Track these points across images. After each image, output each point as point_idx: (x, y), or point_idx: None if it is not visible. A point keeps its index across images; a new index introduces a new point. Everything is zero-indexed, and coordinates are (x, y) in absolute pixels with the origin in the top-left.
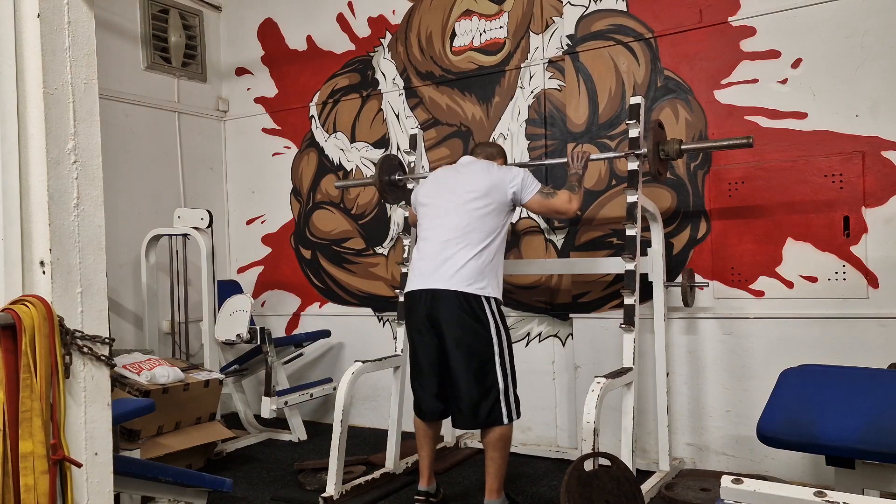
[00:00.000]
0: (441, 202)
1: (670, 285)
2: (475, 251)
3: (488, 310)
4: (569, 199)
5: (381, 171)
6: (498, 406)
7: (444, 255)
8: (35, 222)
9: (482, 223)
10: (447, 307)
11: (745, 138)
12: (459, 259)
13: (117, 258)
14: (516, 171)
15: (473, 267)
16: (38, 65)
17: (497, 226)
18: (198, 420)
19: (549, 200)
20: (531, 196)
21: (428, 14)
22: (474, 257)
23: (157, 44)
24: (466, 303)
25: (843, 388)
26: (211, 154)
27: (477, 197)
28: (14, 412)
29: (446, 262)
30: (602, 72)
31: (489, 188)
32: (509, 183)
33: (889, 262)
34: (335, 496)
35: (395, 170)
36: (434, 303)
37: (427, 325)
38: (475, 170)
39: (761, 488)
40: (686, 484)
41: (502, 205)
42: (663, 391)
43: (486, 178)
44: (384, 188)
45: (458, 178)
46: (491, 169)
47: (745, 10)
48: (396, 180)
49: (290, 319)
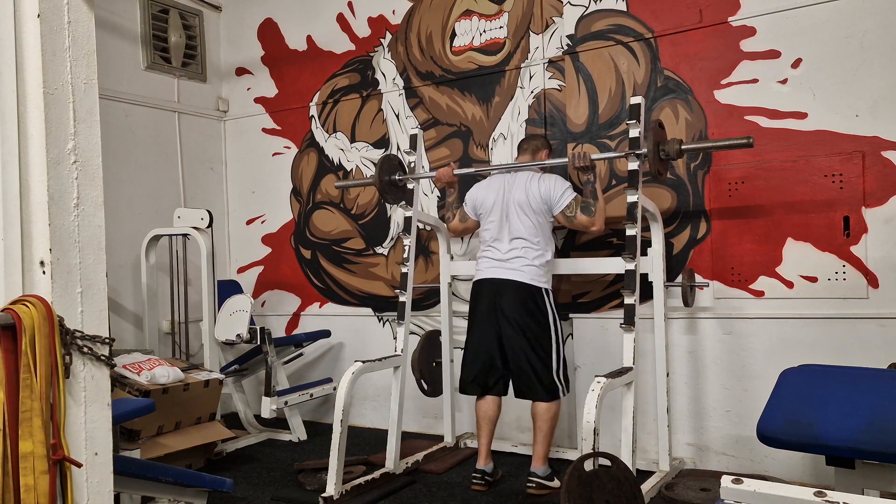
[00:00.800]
0: (503, 209)
1: (670, 285)
2: (538, 251)
3: (547, 300)
4: (589, 223)
5: (382, 171)
6: (554, 382)
7: (512, 253)
8: (35, 222)
9: (540, 228)
10: (514, 296)
11: (745, 138)
12: (526, 258)
13: (117, 258)
14: (554, 184)
15: (537, 264)
16: (38, 65)
17: (549, 229)
18: (198, 420)
19: (573, 221)
20: (558, 212)
21: (428, 14)
22: (538, 256)
23: (157, 44)
24: (530, 294)
25: (843, 388)
26: (211, 154)
27: (531, 206)
28: (14, 412)
29: (514, 259)
30: (602, 72)
31: (540, 198)
32: (551, 195)
33: (889, 262)
34: (335, 496)
35: (396, 170)
36: (503, 291)
37: (493, 310)
38: (523, 180)
39: (761, 488)
40: (686, 484)
41: (549, 212)
42: (663, 391)
43: (536, 188)
44: (384, 188)
45: (511, 189)
46: (534, 181)
47: (745, 10)
48: (397, 180)
49: (290, 319)
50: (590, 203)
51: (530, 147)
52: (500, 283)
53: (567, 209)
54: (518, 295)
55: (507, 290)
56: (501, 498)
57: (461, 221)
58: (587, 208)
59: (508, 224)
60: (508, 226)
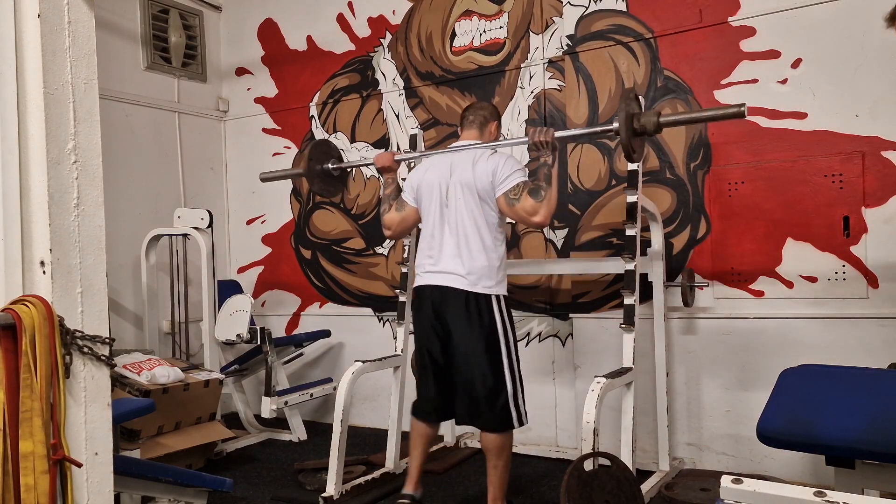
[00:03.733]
0: (442, 194)
1: (670, 285)
2: (485, 248)
3: (496, 309)
4: (533, 210)
5: (312, 160)
6: (507, 410)
7: (453, 251)
8: (35, 222)
9: (488, 217)
10: (455, 306)
11: (735, 106)
12: (470, 257)
13: (117, 258)
14: (504, 162)
15: (484, 265)
16: (39, 65)
17: (499, 218)
18: (198, 420)
19: (514, 206)
20: (500, 193)
21: (428, 14)
22: (485, 254)
23: (157, 44)
24: (476, 302)
25: (843, 388)
26: (211, 154)
27: (478, 188)
28: (14, 412)
29: (456, 258)
30: (602, 72)
31: (489, 177)
32: (497, 173)
33: (889, 262)
34: (335, 496)
35: (328, 158)
36: (443, 301)
37: (434, 324)
38: (469, 157)
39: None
40: (686, 484)
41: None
42: (663, 391)
43: (484, 165)
44: (314, 177)
45: (456, 168)
46: (483, 158)
47: (745, 10)
48: (330, 169)
49: (290, 319)
50: (541, 187)
51: (477, 118)
52: (440, 292)
53: (511, 191)
54: (460, 306)
55: (449, 300)
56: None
57: (398, 211)
58: (536, 192)
59: (449, 212)
60: (449, 214)
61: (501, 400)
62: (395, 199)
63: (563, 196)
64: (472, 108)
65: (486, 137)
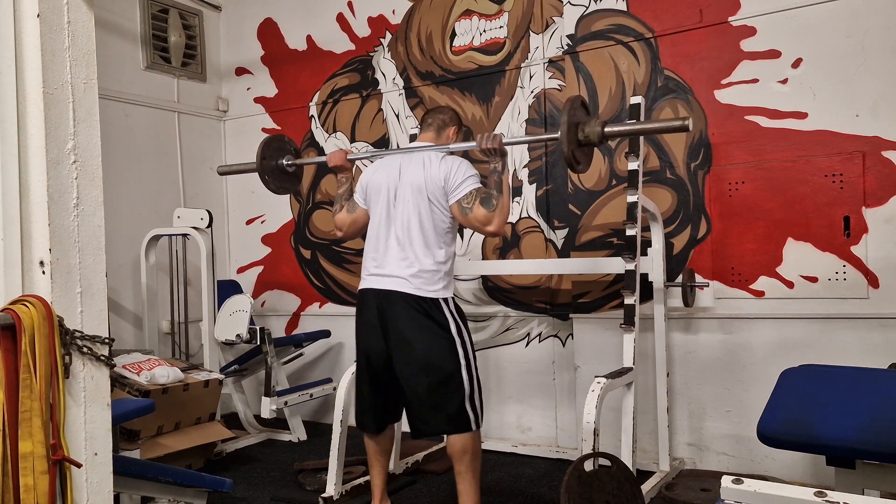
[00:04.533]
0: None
1: (670, 285)
2: (432, 251)
3: (447, 311)
4: (486, 219)
5: (264, 156)
6: (464, 410)
7: (398, 254)
8: (35, 222)
9: (437, 220)
10: (402, 311)
11: (679, 119)
12: (416, 260)
13: (117, 258)
14: (458, 167)
15: (431, 268)
16: (38, 65)
17: (450, 222)
18: (198, 420)
19: (467, 215)
20: (454, 201)
21: (428, 14)
22: (432, 257)
23: (157, 44)
24: (424, 305)
25: (843, 388)
26: (211, 154)
27: (428, 190)
28: (14, 412)
29: (401, 261)
30: (602, 72)
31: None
32: (450, 178)
33: (889, 262)
34: (335, 496)
35: (282, 154)
36: (387, 305)
37: (378, 328)
38: (420, 160)
39: (761, 488)
40: (686, 484)
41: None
42: (663, 391)
43: (437, 169)
44: (267, 173)
45: (406, 169)
46: (434, 161)
47: (745, 10)
48: (285, 165)
49: (289, 319)
50: (492, 196)
51: (435, 122)
52: (384, 296)
53: (465, 199)
54: (407, 310)
55: (394, 305)
56: (501, 498)
57: (349, 213)
58: (487, 201)
59: (395, 214)
60: (396, 216)
61: (457, 400)
62: (347, 199)
63: (563, 196)
64: (432, 112)
65: (442, 141)
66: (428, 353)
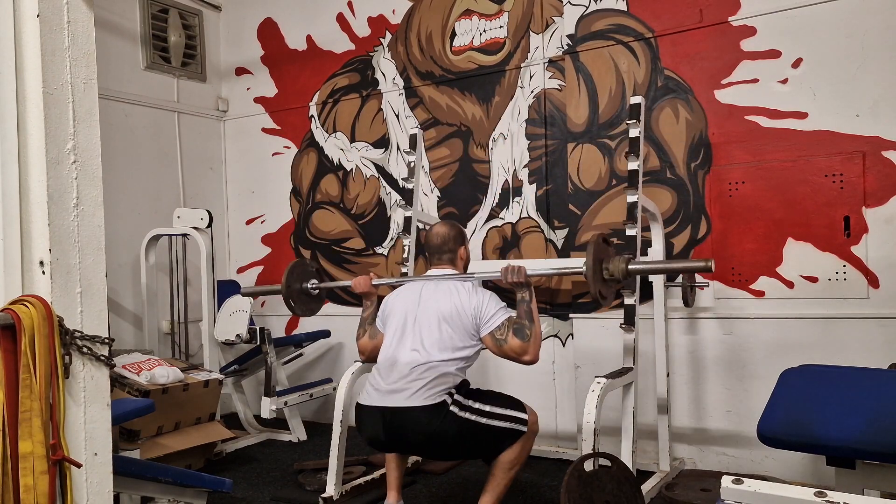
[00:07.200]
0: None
1: (670, 285)
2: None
3: (452, 408)
4: (521, 350)
5: (291, 279)
6: (504, 434)
7: (414, 374)
8: (35, 222)
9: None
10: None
11: (703, 261)
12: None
13: (117, 258)
14: (488, 300)
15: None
16: (38, 65)
17: (474, 351)
18: (197, 420)
19: (502, 346)
20: (486, 333)
21: (428, 14)
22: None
23: (157, 44)
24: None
25: (844, 388)
26: (211, 154)
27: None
28: (14, 412)
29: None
30: (602, 72)
31: (472, 313)
32: (482, 312)
33: (889, 262)
34: (335, 496)
35: (307, 277)
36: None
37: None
38: (446, 289)
39: (761, 488)
40: (686, 484)
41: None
42: (663, 391)
43: (468, 301)
44: (292, 296)
45: (428, 297)
46: (464, 292)
47: (745, 10)
48: (309, 289)
49: (289, 319)
50: (524, 325)
51: (445, 255)
52: (391, 414)
53: (497, 331)
54: (418, 427)
55: (403, 422)
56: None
57: (370, 339)
58: (521, 331)
59: (414, 334)
60: (413, 336)
61: (501, 434)
62: (370, 323)
63: (563, 196)
64: (434, 247)
65: (459, 268)
66: (458, 449)
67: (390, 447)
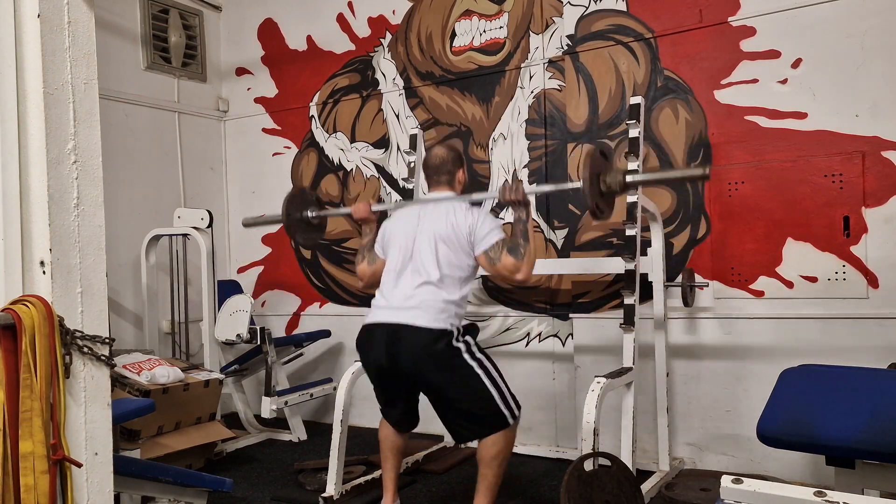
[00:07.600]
0: (408, 242)
1: (670, 285)
2: (451, 290)
3: (455, 338)
4: (514, 268)
5: (291, 208)
6: (499, 412)
7: (417, 292)
8: (35, 222)
9: (462, 266)
10: (411, 351)
11: (700, 168)
12: (433, 296)
13: (117, 258)
14: (483, 219)
15: (443, 303)
16: (38, 65)
17: (471, 270)
18: (198, 420)
19: (495, 264)
20: (480, 251)
21: (428, 14)
22: (448, 294)
23: (157, 44)
24: (433, 340)
25: (843, 388)
26: (211, 154)
27: (458, 240)
28: (14, 412)
29: (417, 298)
30: (602, 72)
31: (467, 231)
32: (477, 230)
33: (889, 262)
34: (335, 496)
35: (306, 206)
36: (395, 342)
37: (389, 367)
38: (443, 209)
39: (761, 488)
40: (686, 484)
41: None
42: (663, 391)
43: (464, 220)
44: (293, 226)
45: (426, 218)
46: (459, 211)
47: (745, 10)
48: (310, 217)
49: (290, 319)
50: (519, 244)
51: (443, 176)
52: (392, 332)
53: (492, 249)
54: (417, 346)
55: (402, 342)
56: (501, 498)
57: (369, 265)
58: (515, 250)
59: (414, 256)
60: (414, 258)
61: (491, 408)
62: (369, 250)
63: (563, 196)
64: (433, 168)
65: (457, 189)
66: (448, 388)
67: (389, 374)
